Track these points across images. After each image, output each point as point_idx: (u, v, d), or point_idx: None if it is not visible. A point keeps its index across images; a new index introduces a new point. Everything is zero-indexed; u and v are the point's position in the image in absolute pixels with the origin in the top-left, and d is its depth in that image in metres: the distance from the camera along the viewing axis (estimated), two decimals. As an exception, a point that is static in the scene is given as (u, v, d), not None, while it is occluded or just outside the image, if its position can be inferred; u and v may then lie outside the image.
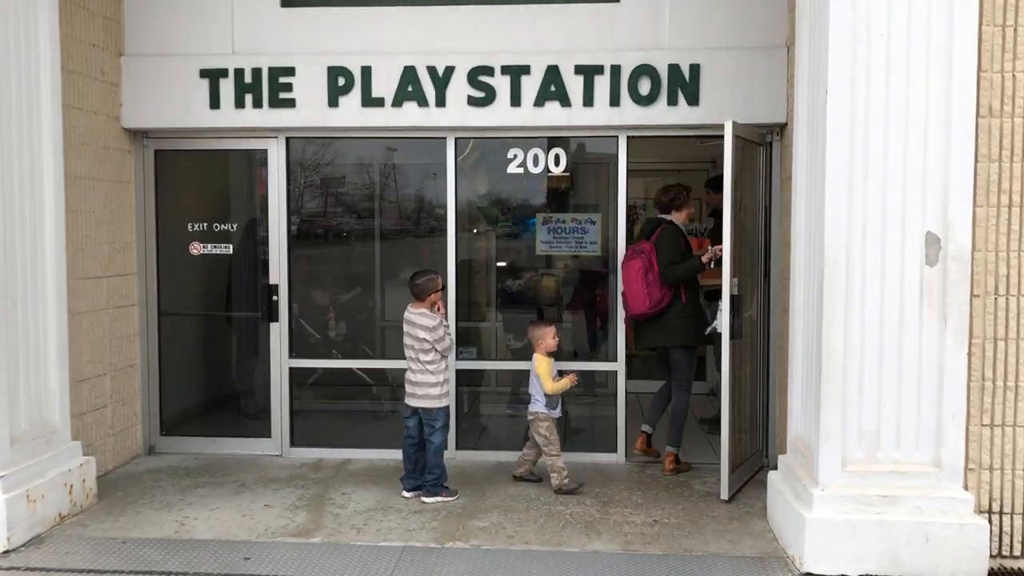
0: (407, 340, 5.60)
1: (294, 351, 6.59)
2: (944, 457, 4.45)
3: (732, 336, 5.52)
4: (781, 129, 6.14)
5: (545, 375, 5.71)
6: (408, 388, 5.63)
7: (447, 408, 5.63)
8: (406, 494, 5.62)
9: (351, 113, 6.21)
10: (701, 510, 5.40)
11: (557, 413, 5.80)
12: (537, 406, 5.77)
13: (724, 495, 5.56)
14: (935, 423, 4.46)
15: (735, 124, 5.50)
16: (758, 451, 6.31)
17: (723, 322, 5.52)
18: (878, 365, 4.48)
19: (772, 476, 5.16)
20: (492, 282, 7.01)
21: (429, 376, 5.53)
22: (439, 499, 5.53)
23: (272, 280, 6.51)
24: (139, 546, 4.79)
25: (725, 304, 5.49)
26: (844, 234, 4.44)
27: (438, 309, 5.61)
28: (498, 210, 6.87)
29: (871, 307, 4.46)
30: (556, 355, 5.92)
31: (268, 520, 5.19)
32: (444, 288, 5.80)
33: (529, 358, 5.90)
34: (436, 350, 5.53)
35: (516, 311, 7.04)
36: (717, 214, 6.11)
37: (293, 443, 6.59)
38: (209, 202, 6.86)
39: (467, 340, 6.60)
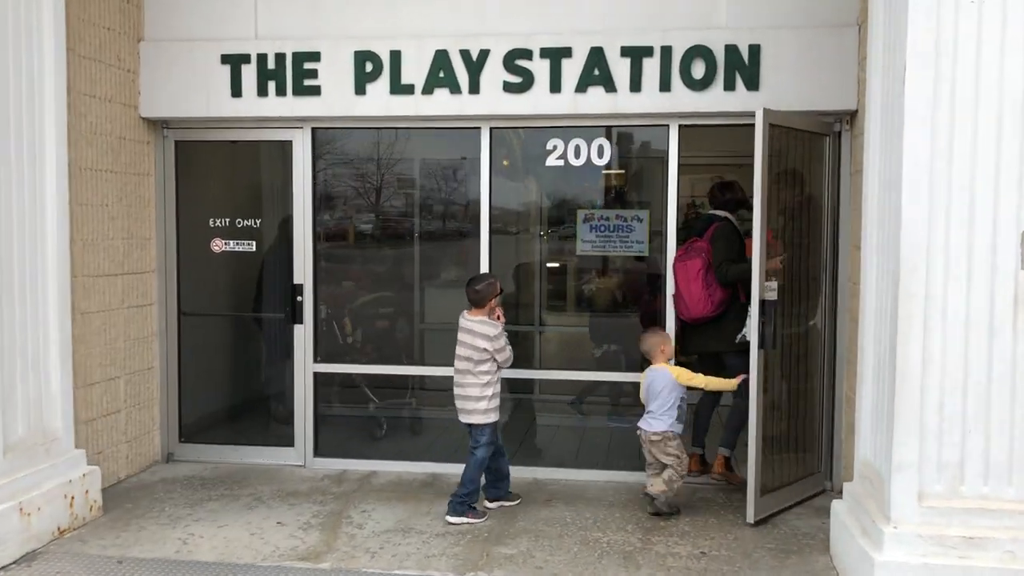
0: (462, 350, 5.16)
1: (319, 355, 6.18)
2: (1042, 493, 3.82)
3: (761, 345, 5.00)
4: (851, 117, 5.53)
5: (691, 378, 5.24)
6: (457, 403, 5.22)
7: (495, 424, 5.20)
8: (489, 505, 5.29)
9: (379, 101, 5.78)
10: (755, 540, 4.83)
11: (681, 428, 5.29)
12: (664, 424, 5.20)
13: (750, 518, 5.06)
14: (1031, 454, 3.83)
15: (768, 111, 5.00)
16: (820, 472, 5.71)
17: (752, 330, 5.02)
18: (962, 385, 3.87)
19: (836, 506, 4.57)
20: (529, 284, 6.53)
21: (476, 390, 5.10)
22: (465, 520, 5.08)
23: (296, 280, 6.11)
24: (135, 566, 4.42)
25: (754, 310, 4.99)
26: (924, 234, 3.84)
27: (498, 317, 5.19)
28: (536, 206, 6.38)
29: (955, 318, 3.85)
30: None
31: (278, 540, 4.78)
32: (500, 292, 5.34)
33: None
34: (495, 360, 5.10)
35: (555, 314, 6.57)
36: (784, 212, 5.56)
37: (317, 453, 6.19)
38: (232, 197, 6.50)
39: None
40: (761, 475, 5.13)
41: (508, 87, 5.65)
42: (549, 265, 6.66)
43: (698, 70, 5.50)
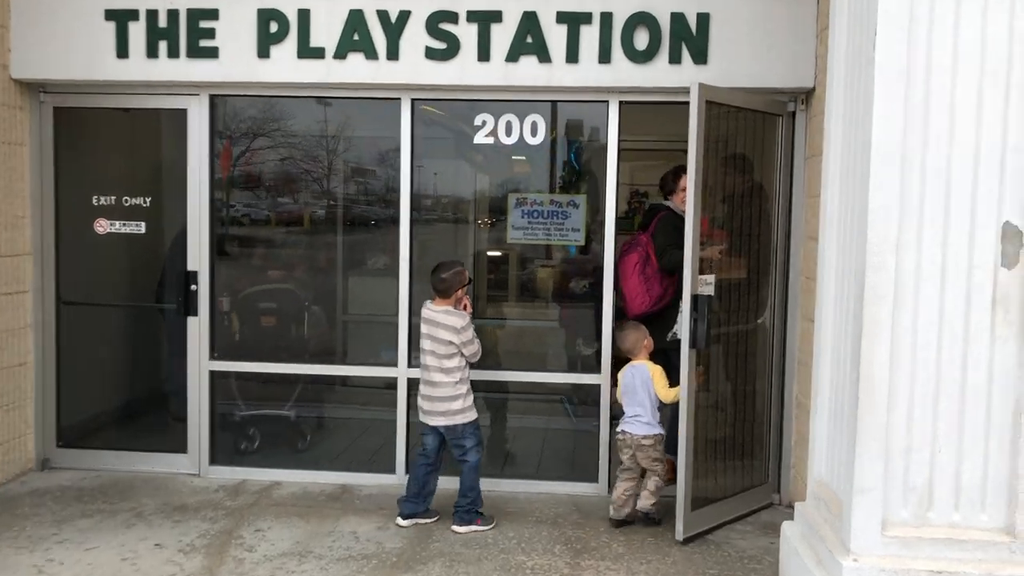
0: (426, 344, 4.69)
1: (216, 351, 5.52)
2: (1020, 522, 3.36)
3: (693, 344, 4.55)
4: (807, 96, 5.05)
5: (665, 384, 4.77)
6: (423, 404, 4.73)
7: (476, 422, 4.73)
8: (402, 522, 4.75)
9: (285, 66, 5.14)
10: (697, 565, 4.33)
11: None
12: (654, 427, 4.79)
13: (679, 535, 4.59)
14: (1008, 476, 3.37)
15: (704, 87, 4.52)
16: (767, 483, 5.25)
17: (683, 327, 4.56)
18: (934, 396, 3.39)
19: (787, 529, 4.08)
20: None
21: (448, 389, 4.62)
22: (473, 528, 4.66)
23: (190, 266, 5.43)
24: (-26, 603, 3.76)
25: (686, 305, 4.54)
26: (894, 225, 3.34)
27: (465, 307, 4.73)
28: (463, 189, 5.80)
29: (927, 321, 3.36)
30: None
31: (151, 567, 4.14)
32: (455, 280, 4.80)
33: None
34: (462, 354, 4.64)
35: (490, 307, 6.01)
36: (730, 199, 5.10)
37: (213, 460, 5.53)
38: (119, 172, 5.76)
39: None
40: (696, 486, 4.68)
41: (431, 53, 5.05)
42: (478, 253, 6.08)
43: (641, 40, 4.96)
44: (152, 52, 5.17)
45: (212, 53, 5.14)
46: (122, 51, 5.18)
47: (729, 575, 4.21)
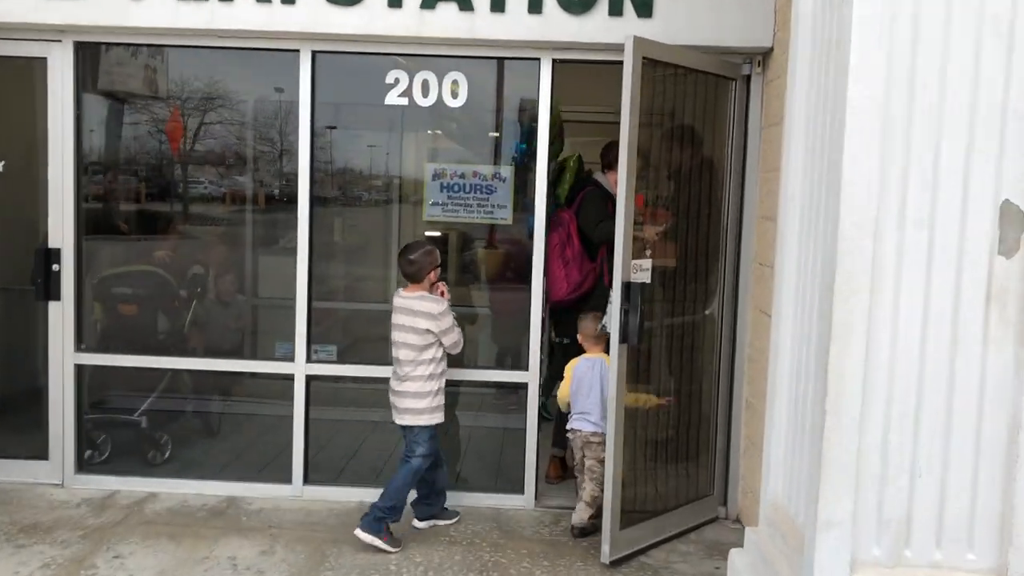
0: (398, 336, 4.16)
1: (83, 342, 4.76)
2: (1015, 561, 2.81)
3: (623, 339, 3.99)
4: (763, 57, 4.45)
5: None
6: (391, 399, 4.21)
7: (434, 428, 4.18)
8: (419, 524, 4.38)
9: (162, 9, 4.39)
10: (631, 596, 3.74)
11: None
12: (602, 426, 4.31)
13: (605, 557, 4.03)
14: (1000, 507, 2.82)
15: (640, 41, 3.92)
16: (712, 495, 4.68)
17: (612, 319, 4.02)
18: (914, 414, 2.81)
19: (736, 559, 3.50)
20: (363, 258, 5.25)
21: (417, 384, 4.11)
22: (377, 542, 4.08)
23: (52, 243, 4.66)
24: None
25: (616, 295, 3.98)
26: (873, 204, 2.74)
27: (442, 293, 4.24)
28: (371, 158, 5.09)
29: (909, 320, 2.78)
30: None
31: (-28, 610, 3.42)
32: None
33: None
34: (441, 344, 4.16)
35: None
36: (676, 175, 4.52)
37: (80, 468, 4.79)
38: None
39: (324, 336, 4.82)
40: (629, 499, 4.13)
41: (334, -3, 4.34)
42: (393, 232, 5.37)
43: (578, -12, 4.31)
44: (1, -12, 4.38)
45: (76, -10, 4.37)
46: (-37, -14, 4.38)
47: (668, 612, 3.63)
